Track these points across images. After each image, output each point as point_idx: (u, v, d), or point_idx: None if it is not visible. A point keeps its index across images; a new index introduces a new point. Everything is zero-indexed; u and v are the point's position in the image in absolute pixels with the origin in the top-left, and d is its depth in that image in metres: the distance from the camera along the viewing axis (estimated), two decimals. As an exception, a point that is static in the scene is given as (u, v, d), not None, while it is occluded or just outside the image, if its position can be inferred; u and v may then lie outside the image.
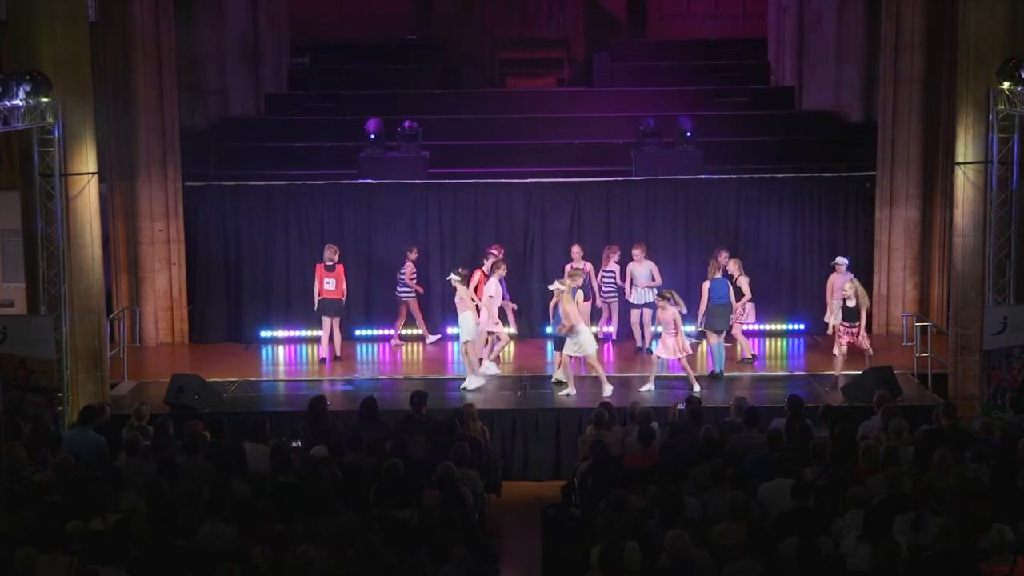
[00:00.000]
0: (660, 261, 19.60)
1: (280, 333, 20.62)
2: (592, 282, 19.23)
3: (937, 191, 20.19)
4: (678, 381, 17.62)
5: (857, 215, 20.92)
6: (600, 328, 19.77)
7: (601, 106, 23.08)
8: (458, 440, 13.65)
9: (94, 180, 16.65)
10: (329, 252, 19.11)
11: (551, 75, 26.12)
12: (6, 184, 18.96)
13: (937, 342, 18.41)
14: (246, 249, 20.85)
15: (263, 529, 10.75)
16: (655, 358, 17.50)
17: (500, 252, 19.08)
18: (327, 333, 19.28)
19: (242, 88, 23.11)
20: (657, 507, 11.20)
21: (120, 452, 13.47)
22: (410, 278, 19.78)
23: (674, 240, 20.73)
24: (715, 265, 18.42)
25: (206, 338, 20.87)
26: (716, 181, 20.69)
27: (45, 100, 15.60)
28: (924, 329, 18.31)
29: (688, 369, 17.46)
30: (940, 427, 13.70)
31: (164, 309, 20.62)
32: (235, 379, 18.36)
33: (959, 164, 16.87)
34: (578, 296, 17.55)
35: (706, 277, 18.42)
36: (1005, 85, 15.80)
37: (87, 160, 16.51)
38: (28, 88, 15.14)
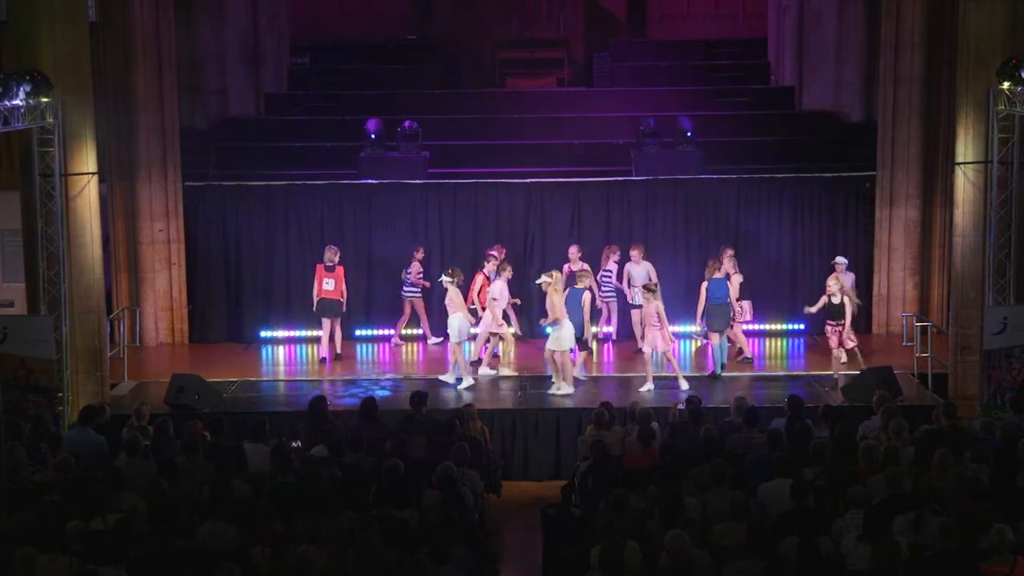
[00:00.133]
0: (660, 261, 19.61)
1: (280, 333, 20.62)
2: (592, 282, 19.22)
3: (937, 191, 20.18)
4: (677, 381, 17.62)
5: (857, 215, 20.91)
6: (600, 328, 19.77)
7: (601, 106, 23.10)
8: (458, 440, 13.65)
9: (94, 180, 16.65)
10: (329, 253, 19.11)
11: (551, 75, 26.13)
12: (6, 184, 18.96)
13: (937, 342, 18.41)
14: (246, 249, 20.84)
15: (263, 529, 10.75)
16: (647, 356, 17.53)
17: (501, 253, 19.05)
18: (327, 333, 19.29)
19: (242, 88, 23.12)
20: (657, 507, 11.20)
21: (120, 452, 13.47)
22: (416, 277, 19.77)
23: (674, 240, 20.73)
24: (713, 265, 18.38)
25: (206, 338, 20.87)
26: (716, 181, 20.69)
27: (45, 100, 15.60)
28: (924, 329, 18.31)
29: (674, 364, 17.64)
30: (940, 427, 13.70)
31: (164, 309, 20.61)
32: (235, 379, 18.37)
33: (959, 164, 16.87)
34: (585, 297, 17.53)
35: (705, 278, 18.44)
36: (1005, 85, 15.79)
37: (87, 160, 16.52)
38: (28, 88, 15.14)
